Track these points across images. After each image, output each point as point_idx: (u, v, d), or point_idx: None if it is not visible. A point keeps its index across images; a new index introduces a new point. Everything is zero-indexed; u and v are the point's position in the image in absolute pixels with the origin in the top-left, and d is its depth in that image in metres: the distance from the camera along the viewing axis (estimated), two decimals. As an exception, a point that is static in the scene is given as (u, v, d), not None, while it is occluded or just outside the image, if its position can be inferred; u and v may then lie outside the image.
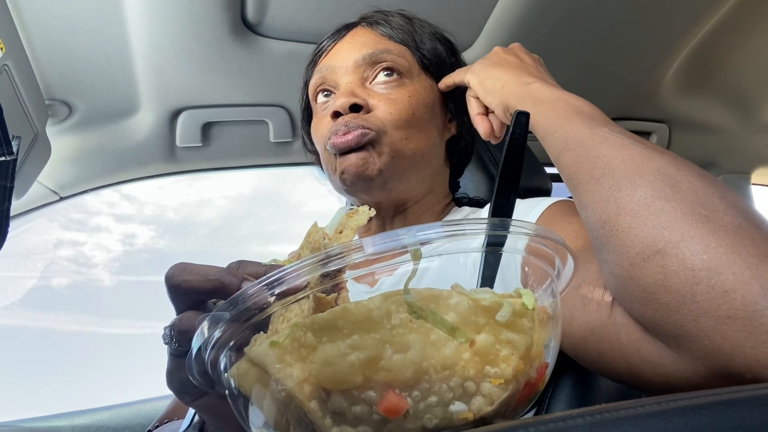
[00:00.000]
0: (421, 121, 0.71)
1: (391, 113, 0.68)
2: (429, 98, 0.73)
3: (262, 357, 0.29)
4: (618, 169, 0.41)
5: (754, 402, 0.24)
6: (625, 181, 0.40)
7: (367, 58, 0.71)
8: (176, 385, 0.41)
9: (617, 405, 0.24)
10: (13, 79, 0.86)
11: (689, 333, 0.34)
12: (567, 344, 0.48)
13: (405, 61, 0.72)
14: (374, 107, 0.69)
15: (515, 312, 0.29)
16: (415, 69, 0.73)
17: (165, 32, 0.97)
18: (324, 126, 0.72)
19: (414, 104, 0.70)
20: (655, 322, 0.36)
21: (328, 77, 0.73)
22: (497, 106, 0.62)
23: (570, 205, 0.63)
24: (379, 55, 0.71)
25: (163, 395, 1.31)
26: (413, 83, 0.72)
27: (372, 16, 0.76)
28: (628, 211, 0.38)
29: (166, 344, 0.39)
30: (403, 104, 0.69)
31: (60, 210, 1.24)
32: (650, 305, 0.36)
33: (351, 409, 0.28)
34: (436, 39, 0.77)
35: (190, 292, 0.37)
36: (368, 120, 0.68)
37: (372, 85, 0.71)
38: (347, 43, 0.74)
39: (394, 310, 0.28)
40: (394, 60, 0.71)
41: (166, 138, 1.19)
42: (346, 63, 0.72)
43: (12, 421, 1.24)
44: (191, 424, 0.49)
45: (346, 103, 0.68)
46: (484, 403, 0.28)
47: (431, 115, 0.73)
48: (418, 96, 0.71)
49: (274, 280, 0.29)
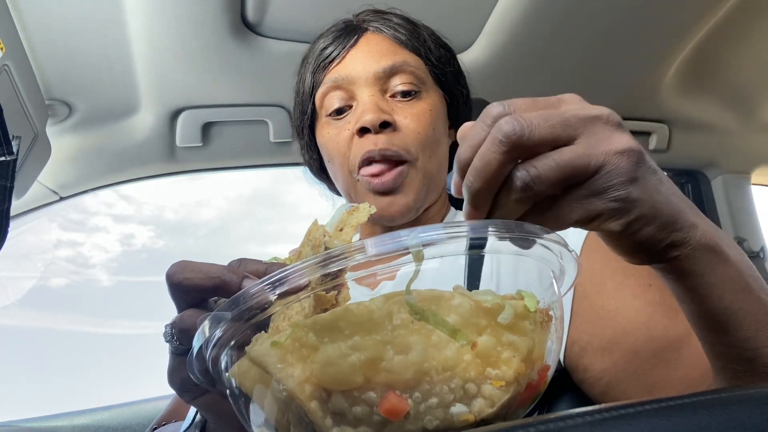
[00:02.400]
0: (438, 134, 0.71)
1: (418, 132, 0.68)
2: (443, 110, 0.74)
3: (264, 356, 0.29)
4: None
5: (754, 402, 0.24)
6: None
7: (388, 71, 0.69)
8: (177, 383, 0.41)
9: (617, 405, 0.24)
10: (13, 79, 0.86)
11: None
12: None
13: (421, 72, 0.71)
14: (400, 125, 0.68)
15: (517, 314, 0.29)
16: (429, 80, 0.72)
17: (165, 32, 0.96)
18: (344, 140, 0.69)
19: (434, 119, 0.70)
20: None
21: (344, 86, 0.70)
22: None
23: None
24: (399, 67, 0.69)
25: (163, 395, 1.31)
26: (430, 96, 0.71)
27: (374, 20, 0.74)
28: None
29: (167, 342, 0.39)
30: (426, 120, 0.69)
31: (58, 210, 1.23)
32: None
33: (351, 410, 0.28)
34: (440, 46, 0.76)
35: (192, 290, 0.37)
36: (402, 144, 0.67)
37: (391, 99, 0.70)
38: (362, 51, 0.71)
39: (396, 311, 0.28)
40: (412, 72, 0.70)
41: (166, 138, 1.19)
42: (365, 74, 0.69)
43: (12, 421, 1.24)
44: (192, 423, 0.49)
45: (377, 120, 0.65)
46: (485, 405, 0.28)
47: (444, 127, 0.74)
48: (435, 109, 0.71)
49: (276, 280, 0.29)
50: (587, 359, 0.56)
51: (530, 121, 0.32)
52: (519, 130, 0.31)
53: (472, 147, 0.33)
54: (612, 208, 0.33)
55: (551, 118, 0.32)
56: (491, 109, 0.34)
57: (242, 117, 1.21)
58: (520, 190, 0.32)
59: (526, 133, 0.31)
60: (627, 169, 0.33)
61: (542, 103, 0.34)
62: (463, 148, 0.34)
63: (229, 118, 1.21)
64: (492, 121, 0.33)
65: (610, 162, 0.33)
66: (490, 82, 1.18)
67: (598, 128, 0.33)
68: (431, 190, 0.71)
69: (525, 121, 0.32)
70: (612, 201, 0.33)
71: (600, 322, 0.55)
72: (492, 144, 0.32)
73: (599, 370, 0.55)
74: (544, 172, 0.32)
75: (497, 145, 0.32)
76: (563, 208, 0.33)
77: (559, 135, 0.32)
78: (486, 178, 0.32)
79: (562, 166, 0.32)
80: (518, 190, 0.32)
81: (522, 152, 0.32)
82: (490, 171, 0.32)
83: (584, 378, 0.56)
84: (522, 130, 0.31)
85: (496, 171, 0.32)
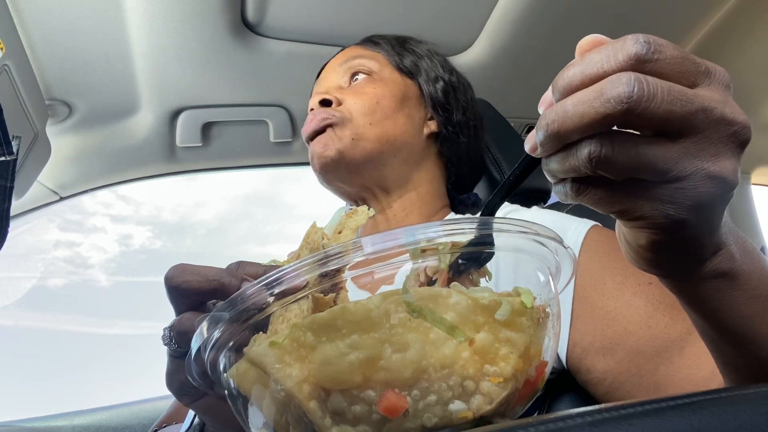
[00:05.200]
0: (387, 109, 0.74)
1: (356, 102, 0.74)
2: (398, 91, 0.77)
3: (262, 357, 0.29)
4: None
5: (754, 402, 0.24)
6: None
7: (341, 65, 0.79)
8: (176, 386, 0.40)
9: (617, 405, 0.24)
10: (13, 79, 0.86)
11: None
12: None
13: (375, 63, 0.78)
14: (343, 100, 0.75)
15: (514, 311, 0.29)
16: (386, 69, 0.79)
17: (165, 32, 0.97)
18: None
19: (379, 94, 0.75)
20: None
21: (317, 90, 0.80)
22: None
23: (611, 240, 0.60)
24: (351, 61, 0.78)
25: (163, 395, 1.31)
26: (383, 80, 0.77)
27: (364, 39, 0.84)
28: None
29: (166, 345, 0.39)
30: (368, 95, 0.74)
31: (56, 211, 1.23)
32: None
33: (350, 409, 0.28)
34: (399, 42, 0.82)
35: (190, 293, 0.37)
36: (335, 110, 0.74)
37: (346, 87, 0.78)
38: (332, 61, 0.83)
39: (393, 309, 0.28)
40: (362, 63, 0.78)
41: (166, 138, 1.19)
42: (326, 74, 0.81)
43: (12, 421, 1.24)
44: (191, 425, 0.49)
45: (318, 98, 0.75)
46: (484, 401, 0.28)
47: (400, 106, 0.76)
48: (384, 88, 0.76)
49: (273, 280, 0.29)
50: (590, 360, 0.56)
51: (653, 92, 0.26)
52: (636, 98, 0.26)
53: (584, 77, 0.28)
54: (658, 223, 0.29)
55: (678, 101, 0.26)
56: (630, 46, 0.27)
57: (242, 117, 1.21)
58: (584, 159, 0.28)
59: (641, 106, 0.26)
60: (704, 197, 0.28)
61: (690, 66, 0.28)
62: (574, 71, 0.28)
63: (229, 118, 1.21)
64: (624, 60, 0.27)
65: (695, 180, 0.28)
66: (490, 82, 1.18)
67: (715, 138, 0.28)
68: (375, 158, 0.73)
69: (649, 90, 0.26)
70: (664, 217, 0.29)
71: (601, 322, 0.55)
72: (598, 98, 0.26)
73: (602, 370, 0.55)
74: (617, 158, 0.27)
75: (602, 103, 0.26)
76: (613, 194, 0.29)
77: (669, 127, 0.27)
78: (569, 128, 0.27)
79: (642, 161, 0.27)
80: (582, 158, 0.28)
81: (624, 122, 0.27)
82: (579, 123, 0.27)
83: (588, 379, 0.56)
84: (639, 100, 0.26)
85: (584, 127, 0.27)
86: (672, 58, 0.27)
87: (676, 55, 0.27)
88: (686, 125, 0.27)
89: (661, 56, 0.27)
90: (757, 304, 0.35)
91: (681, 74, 0.28)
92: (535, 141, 0.30)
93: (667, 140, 0.28)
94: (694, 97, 0.27)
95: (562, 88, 0.28)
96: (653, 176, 0.28)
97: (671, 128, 0.27)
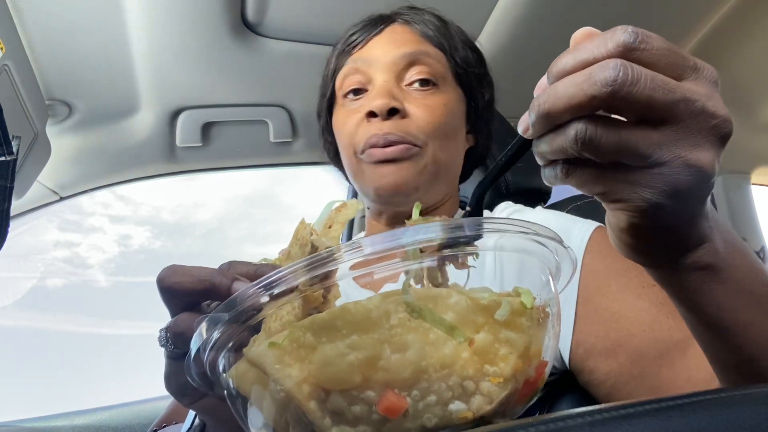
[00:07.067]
0: (452, 131, 0.70)
1: (429, 122, 0.67)
2: (459, 108, 0.73)
3: (261, 358, 0.29)
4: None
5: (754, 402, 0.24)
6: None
7: (406, 57, 0.69)
8: (174, 387, 0.40)
9: (617, 405, 0.24)
10: (13, 79, 0.86)
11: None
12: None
13: (441, 66, 0.71)
14: (411, 113, 0.67)
15: (514, 311, 0.29)
16: (448, 76, 0.72)
17: (165, 32, 0.97)
18: (353, 123, 0.69)
19: (447, 113, 0.69)
20: None
21: (362, 69, 0.70)
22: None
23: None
24: (417, 56, 0.69)
25: (162, 395, 1.31)
26: (447, 91, 0.71)
27: (406, 13, 0.74)
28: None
29: (162, 347, 0.39)
30: (439, 112, 0.68)
31: (55, 211, 1.23)
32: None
33: (350, 409, 0.28)
34: (468, 47, 0.76)
35: (182, 293, 0.37)
36: (409, 130, 0.66)
37: (407, 87, 0.69)
38: (385, 38, 0.71)
39: (393, 309, 0.28)
40: (431, 64, 0.70)
41: (166, 138, 1.19)
42: (384, 59, 0.69)
43: (12, 421, 1.24)
44: (191, 426, 0.49)
45: (385, 106, 0.65)
46: (484, 402, 0.28)
47: (460, 126, 0.73)
48: (450, 104, 0.70)
49: (271, 281, 0.29)
50: (592, 361, 0.55)
51: (637, 78, 0.27)
52: (620, 82, 0.27)
53: (576, 62, 0.29)
54: (636, 206, 0.31)
55: (660, 89, 0.28)
56: (619, 35, 0.29)
57: (242, 117, 1.21)
58: (571, 139, 0.29)
59: (624, 89, 0.27)
60: (681, 184, 0.29)
61: (677, 59, 0.29)
62: (567, 58, 0.30)
63: (229, 118, 1.21)
64: (613, 47, 0.28)
65: (673, 166, 0.29)
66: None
67: (696, 128, 0.29)
68: (439, 180, 0.69)
69: (633, 75, 0.27)
70: (641, 200, 0.30)
71: (604, 324, 0.55)
72: (586, 80, 0.28)
73: (604, 372, 0.55)
74: (601, 139, 0.29)
75: (590, 85, 0.28)
76: (597, 177, 0.31)
77: (651, 114, 0.29)
78: (559, 109, 0.29)
79: (624, 145, 0.29)
80: (569, 138, 0.29)
81: (609, 106, 0.29)
82: (568, 103, 0.29)
83: (590, 380, 0.56)
84: (623, 84, 0.27)
85: (572, 107, 0.29)
86: (659, 50, 0.29)
87: (663, 47, 0.29)
88: (668, 113, 0.29)
89: (648, 46, 0.29)
90: (740, 298, 0.36)
91: (667, 66, 0.29)
92: (528, 122, 0.31)
93: (649, 127, 0.29)
94: (677, 87, 0.29)
95: (556, 73, 0.31)
96: (634, 160, 0.30)
97: (653, 115, 0.29)
